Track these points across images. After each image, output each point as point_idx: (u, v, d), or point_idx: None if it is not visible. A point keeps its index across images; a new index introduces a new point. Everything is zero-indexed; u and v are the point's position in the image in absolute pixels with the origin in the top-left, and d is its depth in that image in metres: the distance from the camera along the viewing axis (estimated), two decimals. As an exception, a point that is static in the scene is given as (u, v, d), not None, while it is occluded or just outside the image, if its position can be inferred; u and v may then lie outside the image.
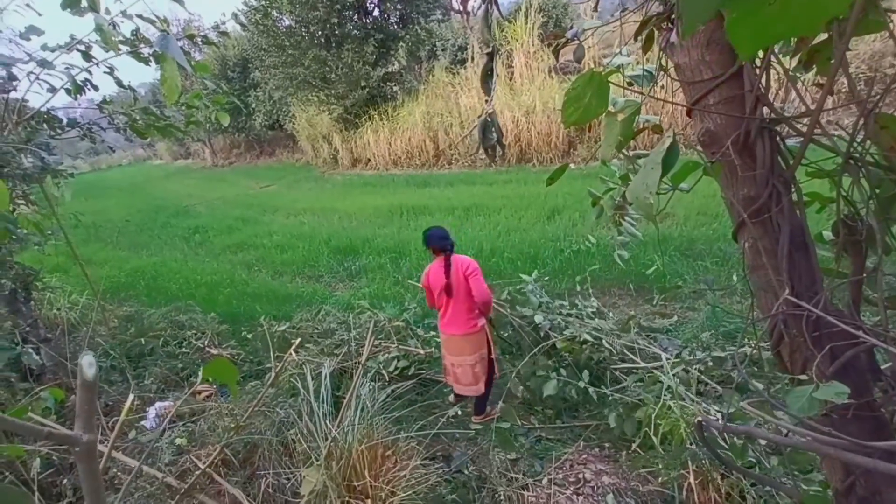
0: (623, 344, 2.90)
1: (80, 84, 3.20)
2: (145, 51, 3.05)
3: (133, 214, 11.44)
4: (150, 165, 27.96)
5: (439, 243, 2.52)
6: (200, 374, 0.62)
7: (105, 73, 3.32)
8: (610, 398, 2.45)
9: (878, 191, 0.73)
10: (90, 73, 3.20)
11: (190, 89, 3.22)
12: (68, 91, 3.13)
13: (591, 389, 2.50)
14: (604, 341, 2.82)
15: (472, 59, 11.96)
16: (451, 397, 2.90)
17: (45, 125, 3.49)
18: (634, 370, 2.60)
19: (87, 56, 3.09)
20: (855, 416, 0.67)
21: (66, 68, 3.02)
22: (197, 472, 2.20)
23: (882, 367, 0.84)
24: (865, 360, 0.78)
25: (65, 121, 3.78)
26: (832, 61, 0.78)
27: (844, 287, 0.85)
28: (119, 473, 2.35)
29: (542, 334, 2.89)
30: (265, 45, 13.49)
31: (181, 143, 24.70)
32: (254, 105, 17.04)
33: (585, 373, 2.55)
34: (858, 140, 0.68)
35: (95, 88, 3.63)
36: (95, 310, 3.92)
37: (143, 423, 2.93)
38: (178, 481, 2.21)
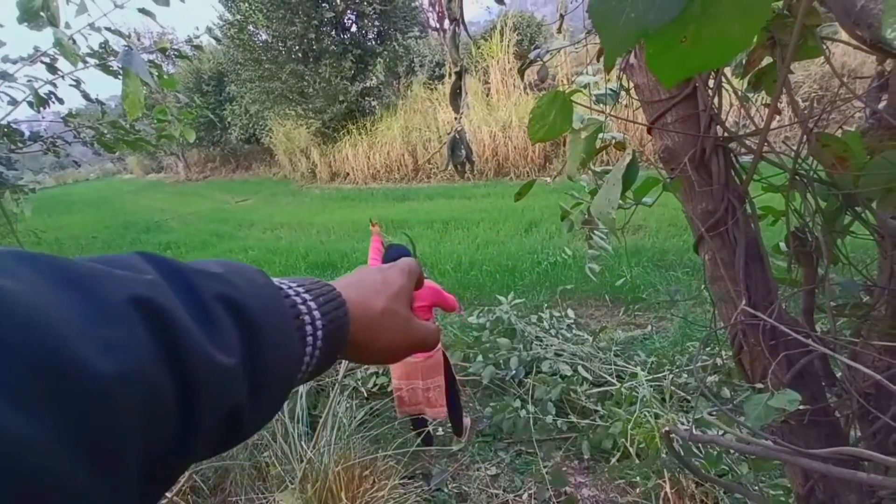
0: (600, 365, 2.95)
1: (44, 97, 3.10)
2: (114, 64, 2.98)
3: (100, 230, 11.01)
4: (120, 180, 27.08)
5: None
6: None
7: (71, 86, 3.23)
8: (580, 426, 2.48)
9: (824, 204, 0.78)
10: (55, 85, 3.11)
11: (163, 102, 3.15)
12: (30, 104, 3.03)
13: (559, 422, 2.52)
14: (579, 368, 2.86)
15: (450, 74, 12.15)
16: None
17: (5, 139, 3.35)
18: (610, 392, 2.63)
19: (51, 69, 2.99)
20: (811, 422, 0.70)
21: (29, 81, 2.92)
22: (163, 501, 2.09)
23: (837, 374, 0.88)
24: (820, 367, 0.81)
25: (27, 134, 3.63)
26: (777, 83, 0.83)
27: (799, 296, 0.90)
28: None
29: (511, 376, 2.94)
30: (241, 58, 13.38)
31: (153, 157, 24.04)
32: (229, 119, 16.80)
33: (550, 405, 2.58)
34: (803, 157, 0.72)
35: (60, 102, 3.52)
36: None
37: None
38: (142, 511, 2.10)
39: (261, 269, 0.31)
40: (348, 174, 13.29)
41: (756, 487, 1.51)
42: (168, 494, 2.11)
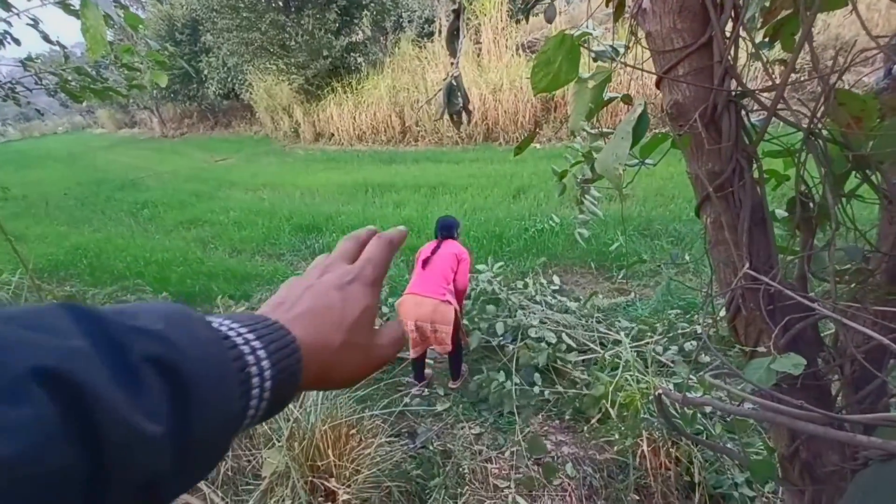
0: (583, 332, 3.00)
1: (-2, 37, 2.85)
2: (76, 3, 2.74)
3: (72, 187, 10.54)
4: (90, 134, 25.71)
5: (439, 230, 2.81)
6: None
7: (28, 25, 2.97)
8: (566, 394, 2.54)
9: (832, 167, 0.75)
10: (9, 24, 2.85)
11: (133, 48, 2.92)
12: (-17, 44, 2.78)
13: (546, 392, 2.58)
14: (564, 335, 2.89)
15: (440, 32, 11.63)
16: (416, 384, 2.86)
17: (-43, 83, 3.10)
18: (594, 359, 2.70)
19: (5, 5, 2.73)
20: (802, 386, 0.71)
21: (-21, 17, 2.66)
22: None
23: (825, 341, 0.89)
24: (811, 333, 0.82)
25: (-18, 79, 3.37)
26: (796, 37, 0.78)
27: (792, 264, 0.89)
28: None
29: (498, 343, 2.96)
30: (217, 5, 12.50)
31: (125, 111, 22.83)
32: (206, 72, 15.88)
33: (537, 376, 2.63)
34: (818, 116, 0.69)
35: (17, 43, 3.25)
36: (27, 289, 3.61)
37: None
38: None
39: (205, 319, 0.29)
40: (333, 135, 12.85)
41: (732, 446, 1.58)
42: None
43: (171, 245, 5.97)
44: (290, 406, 2.27)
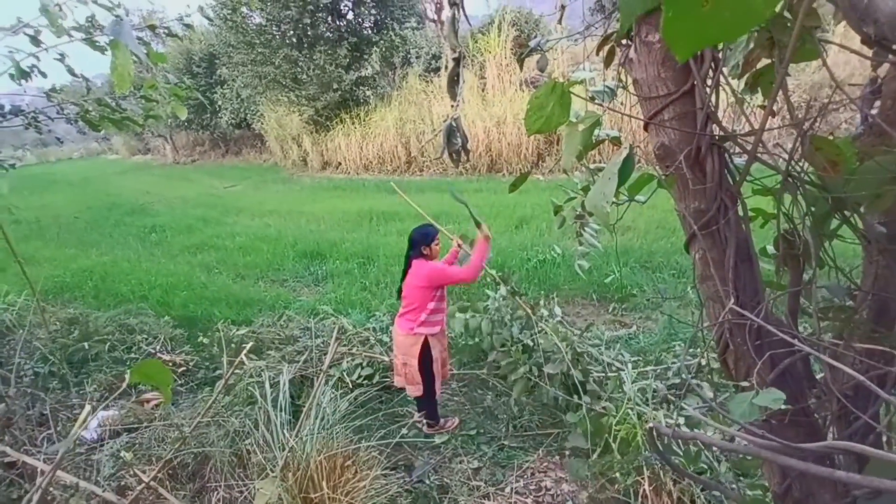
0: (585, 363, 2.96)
1: (26, 70, 3.01)
2: (101, 39, 2.90)
3: (83, 211, 10.75)
4: (105, 160, 26.40)
5: (413, 247, 2.65)
6: (127, 377, 0.58)
7: (56, 59, 3.14)
8: (580, 407, 2.47)
9: (813, 208, 0.78)
10: (38, 58, 3.02)
11: (153, 81, 3.06)
12: (12, 76, 2.93)
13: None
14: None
15: (446, 67, 12.06)
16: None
17: (-17, 111, 3.25)
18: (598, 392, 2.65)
19: (35, 41, 2.90)
20: (791, 422, 0.71)
21: (10, 52, 2.83)
22: (139, 487, 2.06)
23: (817, 376, 0.89)
24: (801, 368, 0.83)
25: (7, 108, 3.53)
26: (774, 84, 0.83)
27: (784, 298, 0.91)
28: (52, 490, 2.17)
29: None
30: (234, 41, 13.10)
31: (140, 138, 23.48)
32: (220, 102, 16.45)
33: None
34: (796, 160, 0.73)
35: (44, 75, 3.41)
36: (32, 311, 3.64)
37: (83, 433, 2.73)
38: (118, 497, 2.07)
39: None
40: (340, 164, 13.15)
41: (734, 486, 1.54)
42: (145, 479, 2.08)
43: (177, 269, 6.03)
44: (286, 434, 2.24)
